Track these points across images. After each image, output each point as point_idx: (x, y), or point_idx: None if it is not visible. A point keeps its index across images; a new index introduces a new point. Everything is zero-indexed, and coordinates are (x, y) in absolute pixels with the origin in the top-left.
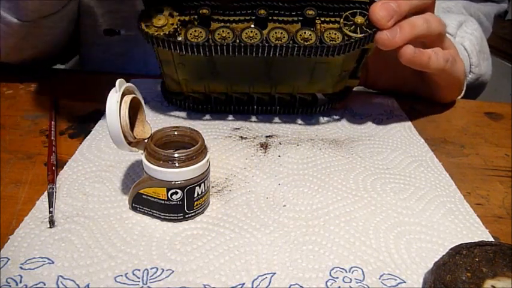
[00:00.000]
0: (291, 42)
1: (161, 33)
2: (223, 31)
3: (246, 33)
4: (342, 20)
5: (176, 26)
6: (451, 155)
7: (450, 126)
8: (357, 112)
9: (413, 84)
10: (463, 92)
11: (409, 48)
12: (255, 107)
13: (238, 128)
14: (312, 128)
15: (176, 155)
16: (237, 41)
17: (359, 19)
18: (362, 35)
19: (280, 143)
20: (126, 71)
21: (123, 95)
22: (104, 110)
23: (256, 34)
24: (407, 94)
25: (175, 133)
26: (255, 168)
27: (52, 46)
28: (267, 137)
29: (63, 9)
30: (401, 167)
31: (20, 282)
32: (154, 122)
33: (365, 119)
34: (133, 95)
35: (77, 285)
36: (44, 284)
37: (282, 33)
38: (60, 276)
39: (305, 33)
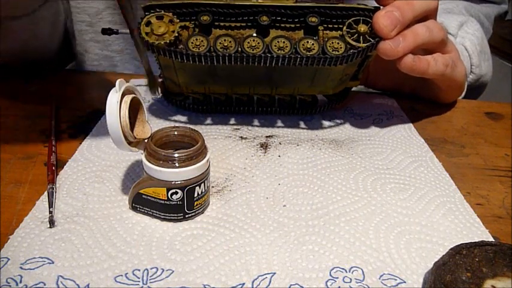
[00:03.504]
0: (293, 52)
1: (162, 42)
2: (224, 40)
3: (248, 43)
4: (344, 27)
5: (177, 34)
6: (451, 155)
7: (450, 126)
8: (357, 112)
9: (414, 85)
10: (464, 92)
11: (408, 57)
12: (255, 107)
13: (238, 128)
14: (312, 128)
15: (176, 155)
16: (239, 49)
17: (362, 27)
18: (365, 44)
19: (280, 143)
20: (125, 68)
21: (123, 95)
22: (104, 110)
23: (258, 43)
24: (408, 94)
25: (175, 133)
26: (255, 168)
27: (26, 47)
28: (267, 137)
29: (32, 14)
30: (402, 167)
31: (20, 282)
32: (154, 122)
33: (365, 119)
34: (134, 95)
35: (77, 285)
36: (44, 284)
37: (284, 42)
38: (60, 276)
39: (308, 42)
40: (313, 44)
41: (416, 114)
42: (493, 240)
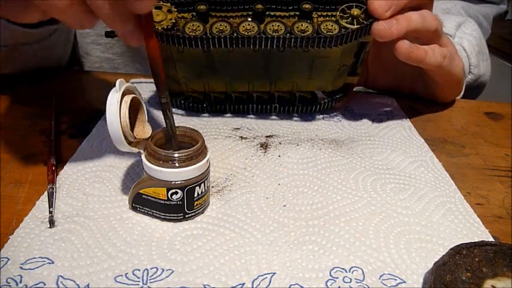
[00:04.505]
0: (288, 34)
1: (159, 28)
2: (220, 25)
3: (244, 26)
4: (338, 12)
5: (174, 21)
6: (451, 155)
7: (450, 126)
8: (356, 112)
9: (413, 83)
10: (463, 91)
11: (404, 42)
12: (255, 105)
13: (238, 128)
14: (312, 128)
15: (176, 155)
16: (235, 34)
17: (355, 11)
18: (359, 25)
19: (280, 143)
20: (126, 71)
21: (123, 95)
22: (104, 110)
23: (253, 27)
24: (407, 94)
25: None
26: (255, 168)
27: (38, 66)
28: (267, 137)
29: (44, 40)
30: (401, 167)
31: (20, 282)
32: (154, 122)
33: (365, 119)
34: (134, 95)
35: (77, 285)
36: (44, 284)
37: (279, 25)
38: (60, 276)
39: (302, 25)
40: (307, 27)
41: (416, 114)
42: (493, 240)
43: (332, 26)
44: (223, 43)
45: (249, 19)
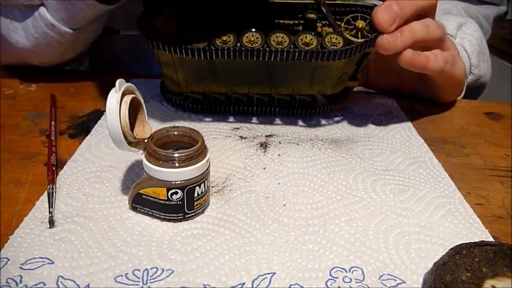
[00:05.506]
0: (291, 46)
1: (160, 35)
2: (224, 34)
3: (247, 37)
4: (343, 23)
5: (176, 28)
6: (451, 155)
7: (450, 126)
8: (356, 112)
9: (414, 84)
10: (463, 92)
11: (408, 51)
12: (255, 107)
13: (238, 128)
14: (312, 128)
15: (176, 155)
16: (238, 45)
17: (360, 23)
18: (363, 39)
19: (279, 143)
20: (132, 70)
21: (123, 95)
22: (104, 110)
23: (257, 38)
24: (408, 94)
25: (175, 133)
26: (254, 167)
27: (87, 47)
28: (266, 136)
29: (102, 16)
30: (401, 168)
31: (20, 282)
32: (154, 122)
33: (365, 119)
34: (134, 95)
35: (77, 285)
36: (44, 284)
37: (283, 37)
38: (60, 276)
39: (306, 37)
40: (311, 39)
41: (416, 114)
42: (493, 240)
43: (336, 39)
44: (227, 55)
45: (253, 29)
